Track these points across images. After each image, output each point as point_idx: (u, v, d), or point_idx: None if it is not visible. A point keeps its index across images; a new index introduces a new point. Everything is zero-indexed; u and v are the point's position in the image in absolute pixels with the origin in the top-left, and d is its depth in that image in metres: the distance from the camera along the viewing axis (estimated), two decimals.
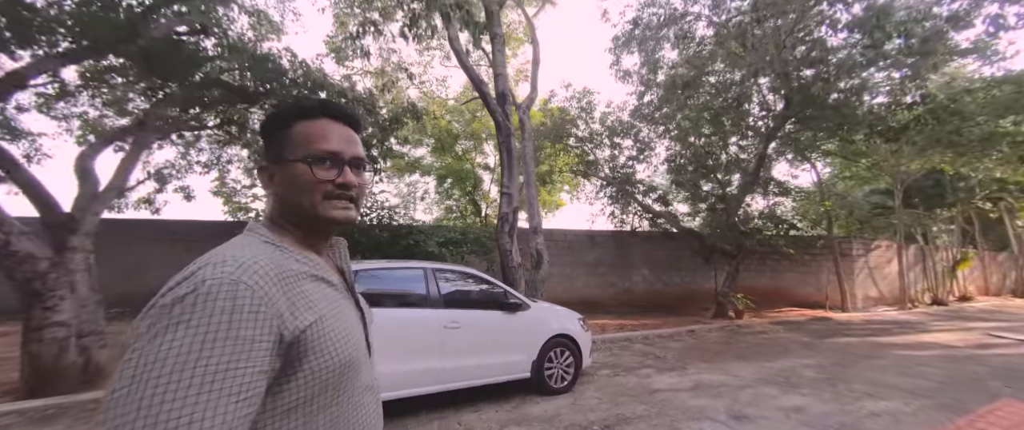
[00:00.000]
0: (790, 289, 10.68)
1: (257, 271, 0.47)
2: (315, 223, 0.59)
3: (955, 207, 12.87)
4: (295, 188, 0.58)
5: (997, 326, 8.08)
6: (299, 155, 0.57)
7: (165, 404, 0.37)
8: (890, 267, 11.60)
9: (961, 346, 6.10)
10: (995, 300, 13.85)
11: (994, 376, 4.41)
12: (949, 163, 11.11)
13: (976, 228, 14.95)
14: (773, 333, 6.95)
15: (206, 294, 0.42)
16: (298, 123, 0.60)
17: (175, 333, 0.40)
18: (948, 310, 10.89)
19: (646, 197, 9.43)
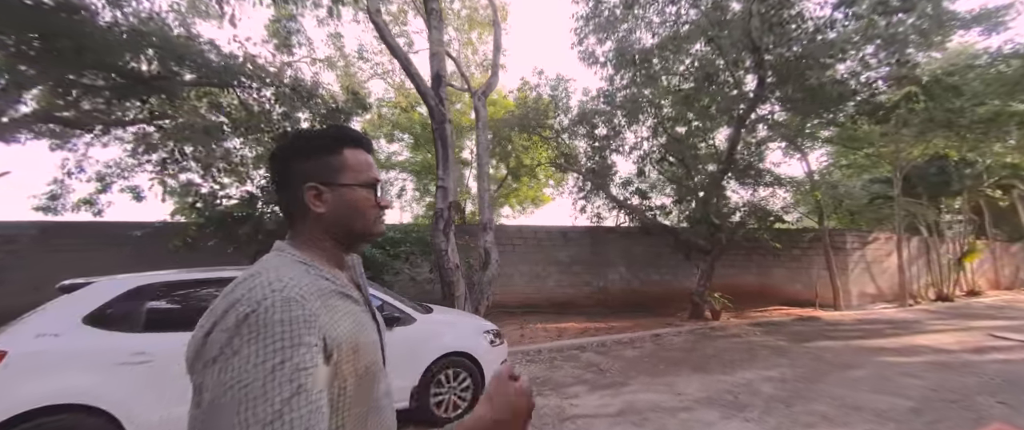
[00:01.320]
0: (778, 286, 10.00)
1: (301, 288, 0.53)
2: (365, 238, 0.69)
3: (961, 195, 12.01)
4: (354, 210, 0.65)
5: (1002, 325, 7.36)
6: (360, 181, 0.66)
7: (269, 404, 0.43)
8: (889, 261, 10.83)
9: (957, 350, 5.44)
10: (1006, 294, 12.98)
11: (987, 389, 3.79)
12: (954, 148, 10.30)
13: (986, 218, 14.03)
14: (748, 336, 6.34)
15: (266, 311, 0.48)
16: (346, 150, 0.66)
17: (253, 346, 0.46)
18: (952, 307, 10.12)
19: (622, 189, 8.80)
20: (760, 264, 10.02)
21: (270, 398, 0.43)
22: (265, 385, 0.44)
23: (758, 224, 8.42)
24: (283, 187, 0.67)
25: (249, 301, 0.49)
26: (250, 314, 0.48)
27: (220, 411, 0.43)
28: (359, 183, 0.65)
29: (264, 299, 0.49)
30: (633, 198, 9.11)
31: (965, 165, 10.87)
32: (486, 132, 6.89)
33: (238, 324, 0.47)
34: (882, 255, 10.85)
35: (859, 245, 10.46)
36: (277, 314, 0.48)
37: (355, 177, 0.65)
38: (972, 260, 12.07)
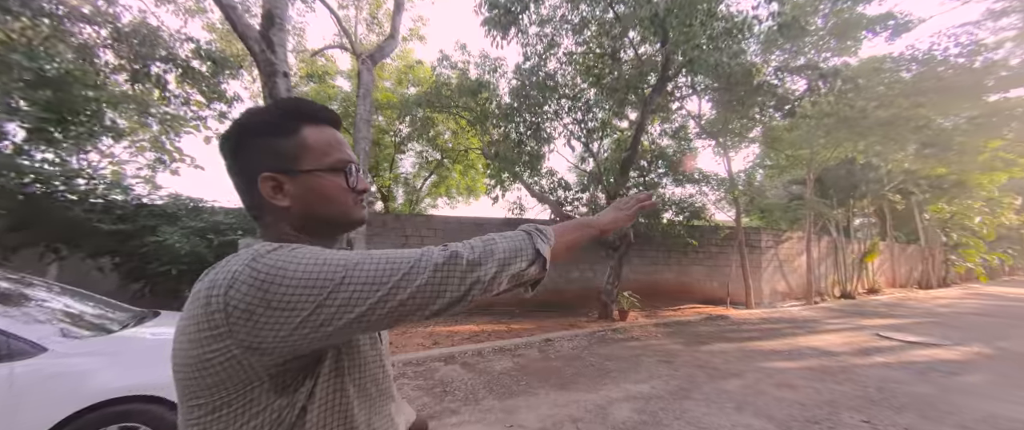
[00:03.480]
0: (697, 284, 9.91)
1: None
2: (345, 227, 0.60)
3: (866, 198, 12.70)
4: (325, 198, 0.56)
5: (890, 324, 7.58)
6: (326, 165, 0.56)
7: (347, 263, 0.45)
8: (800, 260, 11.16)
9: (843, 351, 5.29)
10: (900, 292, 14.05)
11: (859, 401, 3.46)
12: (860, 153, 10.73)
13: (887, 220, 15.12)
14: (647, 339, 5.90)
15: (282, 261, 0.44)
16: (305, 129, 0.56)
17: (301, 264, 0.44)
18: (853, 304, 10.60)
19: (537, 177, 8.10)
20: (680, 261, 9.86)
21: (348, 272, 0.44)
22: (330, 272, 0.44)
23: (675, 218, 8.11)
24: (238, 179, 0.56)
25: (228, 270, 0.44)
26: (238, 273, 0.43)
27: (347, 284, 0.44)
28: (325, 167, 0.55)
29: (254, 252, 0.45)
30: (558, 189, 8.49)
31: (869, 169, 11.40)
32: (367, 101, 5.85)
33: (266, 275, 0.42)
34: (794, 254, 11.15)
35: (773, 244, 10.63)
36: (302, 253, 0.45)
37: (319, 160, 0.55)
38: (872, 260, 12.84)
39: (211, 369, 0.43)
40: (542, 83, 6.32)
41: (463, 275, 0.47)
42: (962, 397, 3.61)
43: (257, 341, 0.42)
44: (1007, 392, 3.77)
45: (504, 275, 0.51)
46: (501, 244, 0.53)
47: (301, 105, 0.58)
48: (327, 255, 0.45)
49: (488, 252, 0.51)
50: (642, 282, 9.60)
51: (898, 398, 3.54)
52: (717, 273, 9.99)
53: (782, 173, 13.03)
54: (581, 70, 6.37)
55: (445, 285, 0.47)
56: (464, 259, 0.48)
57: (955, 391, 3.78)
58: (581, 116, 6.78)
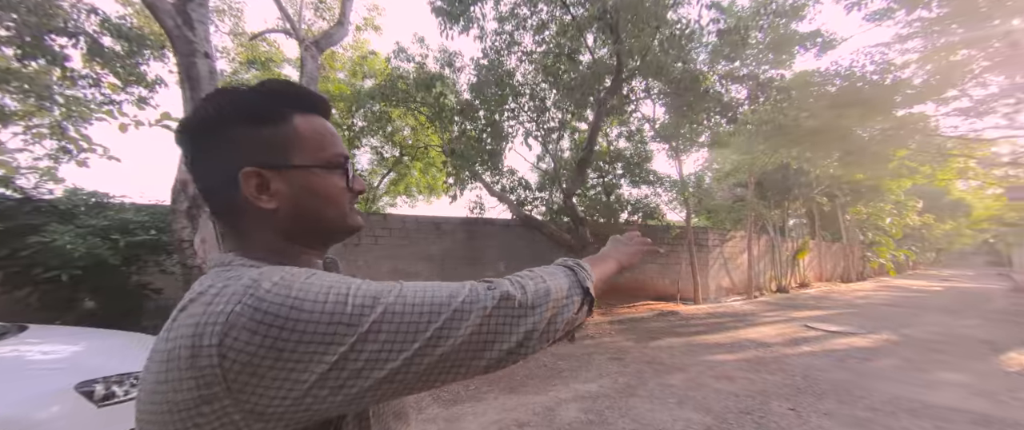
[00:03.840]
0: (651, 281, 10.32)
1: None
2: (341, 234, 0.51)
3: (798, 200, 13.89)
4: (319, 198, 0.47)
5: (816, 315, 8.30)
6: (322, 160, 0.47)
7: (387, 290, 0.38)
8: (742, 257, 11.98)
9: (776, 342, 5.68)
10: (826, 286, 15.54)
11: (787, 388, 3.69)
12: (794, 158, 11.71)
13: (816, 221, 16.69)
14: (603, 336, 5.99)
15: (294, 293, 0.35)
16: (296, 117, 0.47)
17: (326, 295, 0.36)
18: (786, 297, 11.53)
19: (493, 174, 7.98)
20: None
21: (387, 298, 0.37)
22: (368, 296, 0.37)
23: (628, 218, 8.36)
24: (206, 176, 0.45)
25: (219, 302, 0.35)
26: (232, 313, 0.34)
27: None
28: (321, 163, 0.47)
29: (249, 288, 0.35)
30: (519, 189, 8.43)
31: (801, 174, 12.48)
32: (313, 87, 5.41)
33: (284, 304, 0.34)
34: (737, 252, 11.95)
35: (719, 243, 11.32)
36: (319, 282, 0.37)
37: (315, 154, 0.47)
38: (803, 256, 14.08)
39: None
40: (501, 80, 6.22)
41: (516, 321, 0.40)
42: (873, 381, 3.98)
43: (263, 404, 0.34)
44: (909, 375, 4.21)
45: (560, 320, 0.45)
46: (551, 282, 0.46)
47: (290, 88, 0.49)
48: (351, 287, 0.37)
49: (541, 293, 0.44)
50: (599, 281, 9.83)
51: (820, 385, 3.82)
52: (669, 271, 10.46)
53: (728, 177, 13.93)
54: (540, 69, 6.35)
55: (497, 335, 0.39)
56: (516, 300, 0.41)
57: (867, 376, 4.16)
58: (540, 115, 6.76)
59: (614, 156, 9.97)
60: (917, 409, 3.26)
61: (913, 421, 3.04)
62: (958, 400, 3.46)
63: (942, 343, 5.74)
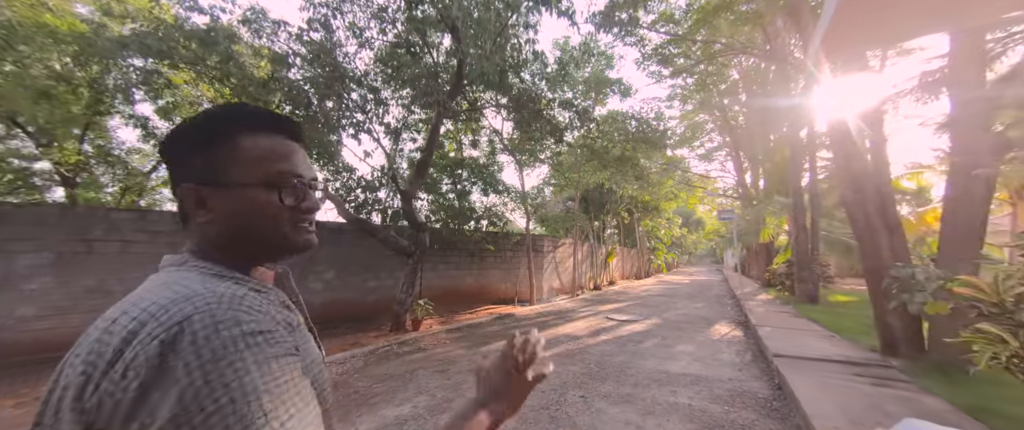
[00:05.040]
0: (493, 286, 10.82)
1: (272, 308, 0.45)
2: (280, 252, 0.52)
3: (610, 214, 17.23)
4: (254, 216, 0.49)
5: (615, 307, 10.26)
6: (258, 178, 0.49)
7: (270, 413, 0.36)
8: (569, 261, 13.98)
9: (583, 335, 6.63)
10: (625, 283, 19.76)
11: (582, 376, 4.21)
12: (607, 180, 14.47)
13: (622, 231, 21.13)
14: (434, 348, 5.75)
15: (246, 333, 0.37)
16: (243, 136, 0.50)
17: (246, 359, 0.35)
18: (599, 294, 14.00)
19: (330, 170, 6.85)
20: (480, 265, 10.53)
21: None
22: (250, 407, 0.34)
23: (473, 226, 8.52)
24: (171, 190, 0.51)
25: (164, 322, 0.35)
26: (176, 338, 0.34)
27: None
28: (256, 181, 0.48)
29: (194, 315, 0.36)
30: (356, 189, 7.40)
31: (612, 193, 15.52)
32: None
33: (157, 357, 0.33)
34: (566, 256, 13.88)
35: (552, 248, 12.89)
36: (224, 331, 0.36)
37: (251, 172, 0.48)
38: (612, 260, 17.52)
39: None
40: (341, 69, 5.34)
41: None
42: (641, 360, 5.00)
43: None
44: (662, 351, 5.50)
45: None
46: None
47: (240, 110, 0.50)
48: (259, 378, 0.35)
49: None
50: (446, 287, 9.67)
51: (606, 369, 4.55)
52: (510, 275, 11.22)
53: (562, 190, 16.13)
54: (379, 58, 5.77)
55: None
56: None
57: (638, 356, 5.22)
58: (378, 109, 6.13)
59: (467, 164, 10.11)
60: (662, 379, 4.21)
61: (659, 389, 3.89)
62: (684, 367, 4.67)
63: (683, 322, 7.86)
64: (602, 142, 9.24)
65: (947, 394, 3.20)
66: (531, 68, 6.90)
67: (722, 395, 3.71)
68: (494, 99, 7.33)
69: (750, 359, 5.01)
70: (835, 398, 3.18)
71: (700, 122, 16.95)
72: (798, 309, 8.32)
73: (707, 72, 11.07)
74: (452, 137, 10.37)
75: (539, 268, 11.91)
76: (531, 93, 7.07)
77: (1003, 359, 2.23)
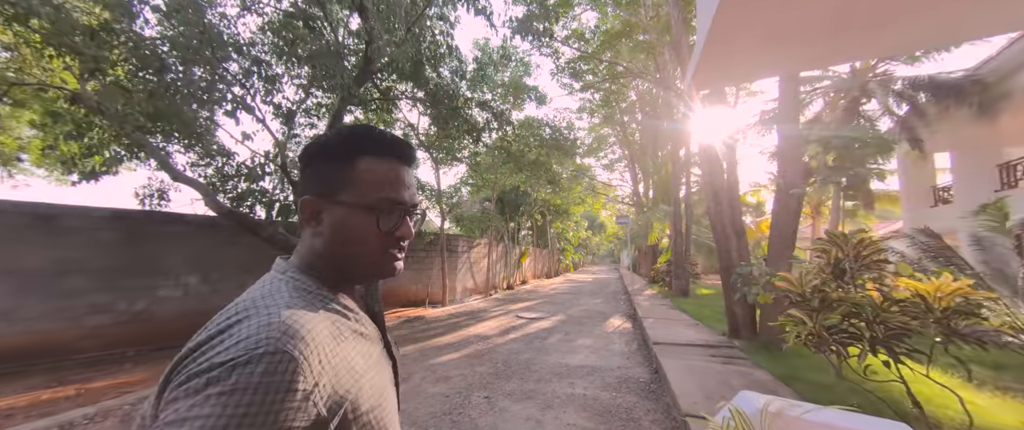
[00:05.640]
0: (403, 288, 10.28)
1: (307, 337, 0.43)
2: (367, 274, 0.55)
3: (524, 216, 17.90)
4: (351, 235, 0.53)
5: (525, 306, 10.67)
6: (364, 200, 0.53)
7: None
8: (484, 261, 14.09)
9: (493, 334, 6.71)
10: (536, 282, 20.75)
11: (489, 377, 4.23)
12: (523, 182, 14.99)
13: (535, 232, 22.15)
14: None
15: (246, 363, 0.39)
16: (362, 158, 0.54)
17: (215, 404, 0.37)
18: (511, 293, 14.40)
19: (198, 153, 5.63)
20: None
21: None
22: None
23: None
24: (297, 196, 0.49)
25: (236, 344, 0.40)
26: (231, 363, 0.38)
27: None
28: (363, 203, 0.52)
29: (252, 348, 0.39)
30: (236, 178, 6.19)
31: (527, 196, 16.14)
32: None
33: (210, 371, 0.38)
34: (481, 257, 13.95)
35: (467, 249, 12.82)
36: (257, 375, 0.38)
37: (362, 195, 0.52)
38: (525, 260, 18.22)
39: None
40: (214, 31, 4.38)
41: None
42: (545, 356, 5.26)
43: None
44: (566, 346, 5.88)
45: None
46: None
47: (365, 133, 0.55)
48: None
49: None
50: None
51: (512, 368, 4.66)
52: (421, 276, 10.79)
53: (479, 191, 16.18)
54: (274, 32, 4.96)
55: None
56: None
57: (543, 352, 5.48)
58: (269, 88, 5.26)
59: None
60: (563, 372, 4.48)
61: (560, 382, 4.13)
62: (582, 359, 5.06)
63: (584, 317, 8.56)
64: (518, 146, 9.52)
65: (770, 367, 4.07)
66: (449, 64, 6.74)
67: (611, 383, 4.10)
68: (410, 91, 6.96)
69: (636, 348, 5.67)
70: (696, 378, 3.78)
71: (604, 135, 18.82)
72: (674, 302, 9.76)
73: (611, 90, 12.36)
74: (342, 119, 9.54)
75: (453, 268, 11.72)
76: (449, 90, 6.91)
77: (803, 337, 2.93)
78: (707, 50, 1.78)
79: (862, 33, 1.33)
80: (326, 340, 0.45)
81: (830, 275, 3.16)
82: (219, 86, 4.56)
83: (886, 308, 2.63)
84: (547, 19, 7.73)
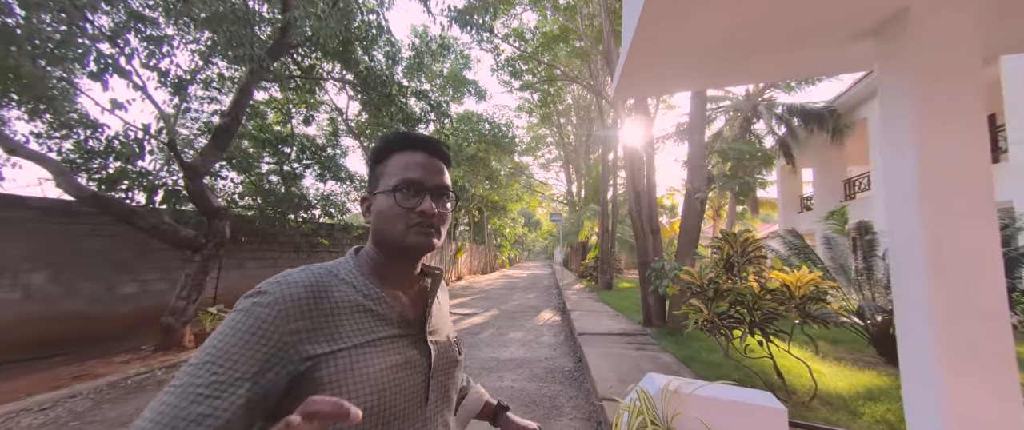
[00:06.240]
0: None
1: (289, 288, 0.54)
2: (398, 249, 0.62)
3: (462, 211, 17.69)
4: (384, 217, 0.61)
5: (461, 301, 10.57)
6: (389, 186, 0.61)
7: (198, 355, 0.49)
8: None
9: None
10: (472, 277, 20.70)
11: None
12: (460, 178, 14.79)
13: (473, 228, 22.04)
14: None
15: (249, 296, 0.53)
16: (394, 156, 0.64)
17: (226, 318, 0.52)
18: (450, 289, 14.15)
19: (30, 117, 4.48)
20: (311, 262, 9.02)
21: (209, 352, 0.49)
22: (216, 340, 0.50)
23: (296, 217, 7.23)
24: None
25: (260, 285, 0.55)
26: (247, 296, 0.54)
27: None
28: (387, 188, 0.61)
29: (252, 293, 0.54)
30: (104, 157, 5.03)
31: (465, 191, 15.97)
32: None
33: (241, 299, 0.54)
34: None
35: None
36: (246, 302, 0.52)
37: (388, 182, 0.62)
38: (461, 255, 18.05)
39: None
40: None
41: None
42: (477, 351, 5.26)
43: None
44: (498, 340, 5.95)
45: None
46: None
47: (397, 134, 0.66)
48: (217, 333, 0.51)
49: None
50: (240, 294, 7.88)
51: None
52: None
53: None
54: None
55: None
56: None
57: (475, 347, 5.48)
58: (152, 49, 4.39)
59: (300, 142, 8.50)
60: (493, 367, 4.53)
61: (489, 376, 4.16)
62: (512, 353, 5.17)
63: (516, 312, 8.76)
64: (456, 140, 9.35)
65: (674, 351, 4.59)
66: (382, 47, 6.34)
67: (539, 374, 4.26)
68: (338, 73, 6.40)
69: (563, 339, 5.97)
70: (612, 363, 4.10)
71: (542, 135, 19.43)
72: (599, 295, 10.48)
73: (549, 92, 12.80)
74: (278, 107, 8.54)
75: None
76: (382, 75, 6.51)
77: (700, 323, 3.36)
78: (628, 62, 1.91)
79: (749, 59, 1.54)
80: (304, 298, 0.54)
81: (722, 268, 3.65)
82: (80, 40, 3.68)
83: (762, 296, 3.12)
84: (487, 12, 7.69)
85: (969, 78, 1.12)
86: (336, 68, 6.87)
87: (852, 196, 10.26)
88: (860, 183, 10.11)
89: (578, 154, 18.51)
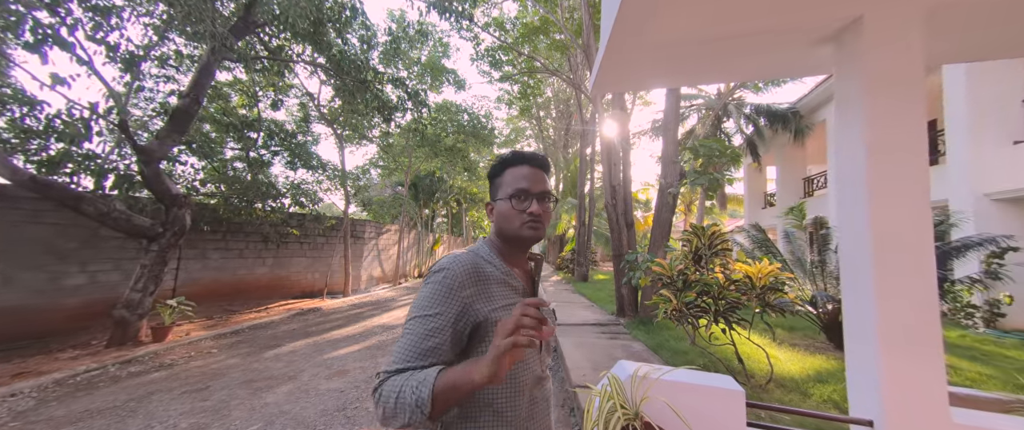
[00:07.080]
0: (296, 277, 9.17)
1: (461, 266, 0.76)
2: (515, 240, 0.84)
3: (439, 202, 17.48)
4: (503, 218, 0.84)
5: None
6: (506, 194, 0.83)
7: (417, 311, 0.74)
8: (395, 248, 13.39)
9: (398, 324, 6.44)
10: None
11: None
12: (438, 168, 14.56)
13: (451, 219, 21.83)
14: (189, 362, 4.33)
15: (437, 271, 0.77)
16: (507, 170, 0.86)
17: (426, 286, 0.77)
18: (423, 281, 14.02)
19: None
20: (277, 253, 8.69)
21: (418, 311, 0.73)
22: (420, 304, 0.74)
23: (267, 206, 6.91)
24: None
25: (440, 264, 0.78)
26: (435, 271, 0.77)
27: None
28: (504, 196, 0.83)
29: (442, 265, 0.77)
30: (45, 137, 4.56)
31: (443, 182, 15.74)
32: None
33: (430, 273, 0.78)
34: (391, 244, 13.21)
35: (375, 235, 11.99)
36: (439, 275, 0.76)
37: (506, 190, 0.83)
38: (438, 247, 17.87)
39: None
40: None
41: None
42: None
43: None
44: None
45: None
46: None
47: (513, 155, 0.87)
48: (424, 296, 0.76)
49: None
50: (221, 281, 7.52)
51: None
52: (319, 264, 9.75)
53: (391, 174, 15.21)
54: None
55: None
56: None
57: None
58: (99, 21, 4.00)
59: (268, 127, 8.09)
60: None
61: None
62: None
63: None
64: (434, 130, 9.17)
65: (645, 339, 4.77)
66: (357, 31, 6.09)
67: None
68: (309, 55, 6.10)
69: None
70: (586, 352, 4.22)
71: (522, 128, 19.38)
72: (575, 286, 10.70)
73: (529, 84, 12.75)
74: (244, 89, 8.06)
75: (358, 256, 10.86)
76: (356, 60, 6.26)
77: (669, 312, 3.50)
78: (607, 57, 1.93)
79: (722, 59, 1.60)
80: (470, 272, 0.76)
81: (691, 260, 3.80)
82: (13, 6, 3.31)
83: (726, 287, 3.29)
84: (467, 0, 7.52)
85: (915, 84, 1.21)
86: (307, 50, 6.54)
87: (811, 193, 10.91)
88: (818, 181, 10.77)
89: (557, 148, 18.64)
